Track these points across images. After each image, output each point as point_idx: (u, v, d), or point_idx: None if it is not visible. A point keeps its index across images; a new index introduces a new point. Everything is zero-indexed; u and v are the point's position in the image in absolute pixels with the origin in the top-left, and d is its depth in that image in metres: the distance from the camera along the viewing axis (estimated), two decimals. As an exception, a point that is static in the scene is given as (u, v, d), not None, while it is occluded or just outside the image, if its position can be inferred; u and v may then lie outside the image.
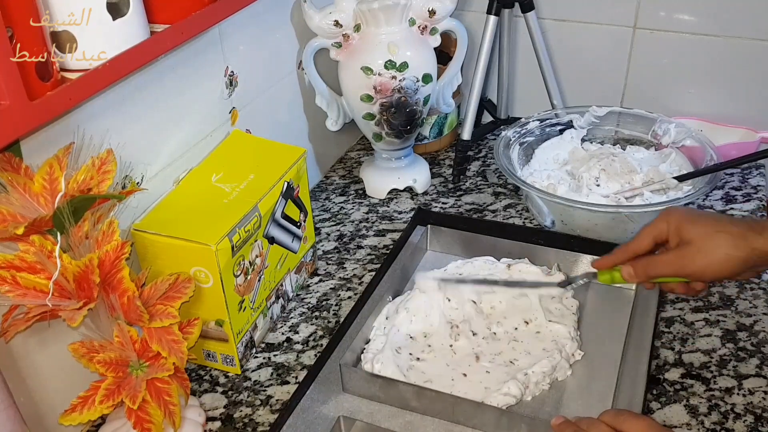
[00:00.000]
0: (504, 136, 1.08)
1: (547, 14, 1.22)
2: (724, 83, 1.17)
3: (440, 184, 1.17)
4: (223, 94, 0.92)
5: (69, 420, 0.65)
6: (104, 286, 0.65)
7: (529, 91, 1.29)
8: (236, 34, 0.92)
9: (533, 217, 1.06)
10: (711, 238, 0.70)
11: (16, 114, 0.54)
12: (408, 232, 0.98)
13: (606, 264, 0.77)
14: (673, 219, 0.73)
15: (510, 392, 0.74)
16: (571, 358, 0.80)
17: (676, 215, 0.73)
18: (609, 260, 0.77)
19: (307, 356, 0.85)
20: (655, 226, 0.74)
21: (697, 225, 0.71)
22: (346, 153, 1.28)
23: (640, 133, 1.12)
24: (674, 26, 1.15)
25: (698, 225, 0.71)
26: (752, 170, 1.14)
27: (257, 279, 0.82)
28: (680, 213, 0.73)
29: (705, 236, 0.70)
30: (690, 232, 0.71)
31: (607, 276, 0.77)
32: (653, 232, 0.74)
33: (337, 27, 1.00)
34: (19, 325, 0.62)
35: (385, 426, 0.75)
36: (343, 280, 0.97)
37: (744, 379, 0.79)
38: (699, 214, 0.73)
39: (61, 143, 0.66)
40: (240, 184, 0.82)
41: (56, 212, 0.61)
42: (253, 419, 0.78)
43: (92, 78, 0.61)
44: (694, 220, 0.71)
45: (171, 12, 0.70)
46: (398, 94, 1.01)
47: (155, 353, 0.68)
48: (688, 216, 0.72)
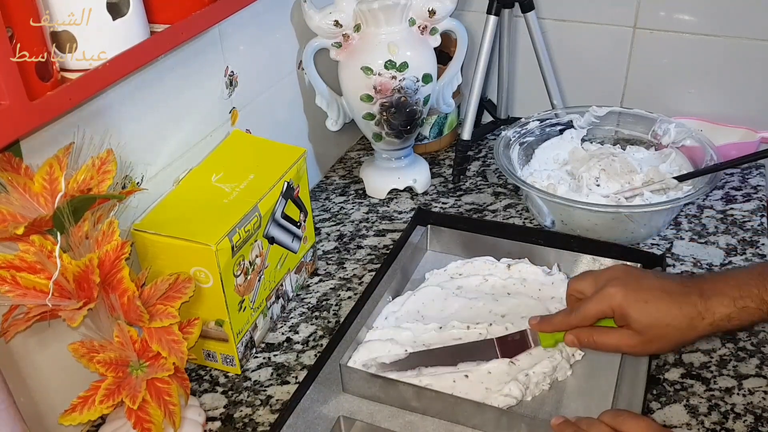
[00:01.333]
0: (504, 136, 1.08)
1: (547, 14, 1.22)
2: (724, 83, 1.17)
3: (440, 184, 1.17)
4: (223, 94, 0.92)
5: (69, 420, 0.65)
6: (104, 286, 0.65)
7: (529, 91, 1.29)
8: (236, 34, 0.92)
9: (533, 217, 1.06)
10: (660, 331, 0.71)
11: (16, 114, 0.54)
12: (408, 232, 0.98)
13: (547, 329, 0.79)
14: (617, 304, 0.73)
15: (511, 393, 0.74)
16: (571, 358, 0.80)
17: (619, 299, 0.73)
18: (550, 327, 0.78)
19: (307, 356, 0.85)
20: (599, 308, 0.75)
21: (644, 315, 0.71)
22: (346, 153, 1.28)
23: (640, 133, 1.12)
24: (674, 26, 1.15)
25: (645, 315, 0.71)
26: (752, 170, 1.14)
27: (257, 279, 0.82)
28: (625, 298, 0.73)
29: (653, 328, 0.72)
30: (637, 323, 0.72)
31: (551, 340, 0.79)
32: (597, 313, 0.75)
33: (337, 27, 1.00)
34: (19, 325, 0.62)
35: (385, 426, 0.75)
36: (343, 280, 0.97)
37: (744, 379, 0.78)
38: (645, 300, 0.72)
39: (61, 143, 0.66)
40: (240, 184, 0.82)
41: (56, 212, 0.61)
42: (253, 419, 0.78)
43: (92, 78, 0.61)
44: (640, 310, 0.72)
45: (171, 12, 0.70)
46: (398, 94, 1.01)
47: (155, 353, 0.68)
48: (634, 303, 0.72)
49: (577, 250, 0.93)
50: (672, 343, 0.73)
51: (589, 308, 0.75)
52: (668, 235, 1.01)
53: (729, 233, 1.01)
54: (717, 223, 1.03)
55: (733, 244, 0.98)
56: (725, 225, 1.03)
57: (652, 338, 0.72)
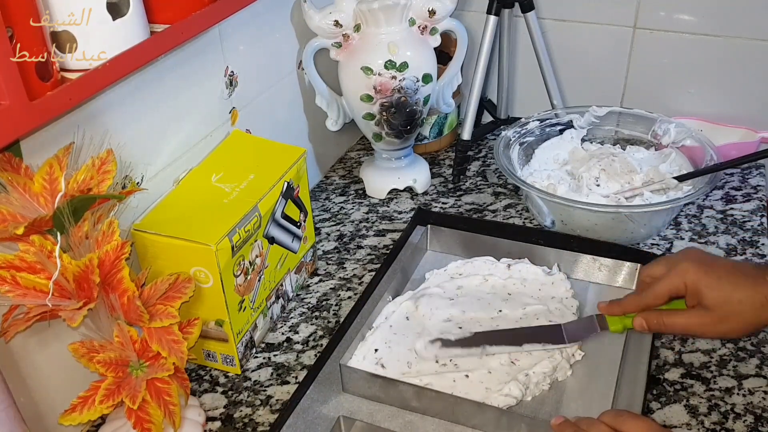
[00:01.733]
0: (504, 136, 1.08)
1: (547, 14, 1.22)
2: (724, 83, 1.17)
3: (440, 184, 1.17)
4: (223, 94, 0.92)
5: (69, 420, 0.65)
6: (104, 286, 0.65)
7: (529, 91, 1.29)
8: (236, 34, 0.92)
9: (533, 217, 1.06)
10: (733, 308, 0.70)
11: (16, 114, 0.54)
12: (408, 232, 0.98)
13: (616, 312, 0.78)
14: (691, 280, 0.72)
15: (511, 393, 0.74)
16: (571, 359, 0.80)
17: (693, 275, 0.72)
18: (619, 309, 0.77)
19: (307, 356, 0.85)
20: (672, 284, 0.73)
21: (717, 291, 0.70)
22: (346, 153, 1.28)
23: (640, 133, 1.12)
24: (674, 26, 1.15)
25: (718, 291, 0.70)
26: (752, 170, 1.14)
27: (257, 279, 0.82)
28: (698, 273, 0.72)
29: (726, 305, 0.70)
30: (710, 299, 0.71)
31: (619, 325, 0.77)
32: (671, 289, 0.74)
33: (337, 27, 1.00)
34: (19, 325, 0.62)
35: (385, 426, 0.75)
36: (343, 280, 0.97)
37: (744, 379, 0.78)
38: (718, 276, 0.71)
39: (61, 143, 0.66)
40: (240, 184, 0.82)
41: (56, 212, 0.61)
42: (253, 419, 0.78)
43: (92, 78, 0.61)
44: (713, 286, 0.71)
45: (171, 12, 0.70)
46: (398, 94, 1.01)
47: (155, 353, 0.68)
48: (707, 279, 0.71)
49: (577, 250, 0.93)
50: (744, 323, 0.70)
51: (662, 285, 0.74)
52: (668, 235, 1.01)
53: (729, 233, 1.01)
54: (717, 223, 1.03)
55: (733, 244, 0.98)
56: (725, 225, 1.03)
57: (725, 316, 0.70)
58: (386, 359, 0.80)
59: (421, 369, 0.79)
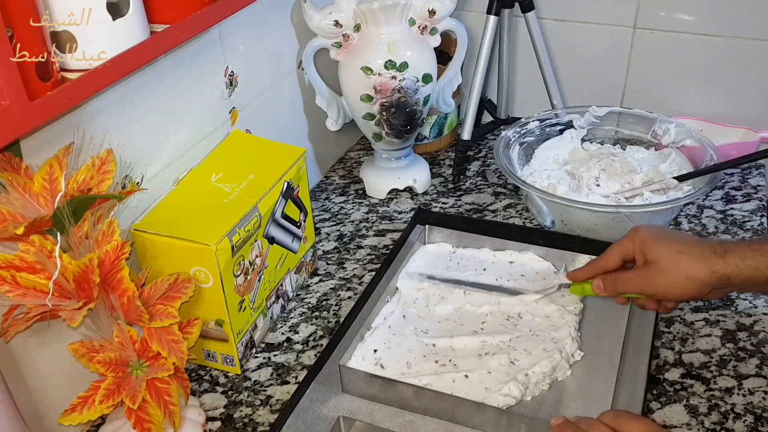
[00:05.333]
0: (504, 136, 1.08)
1: (547, 14, 1.22)
2: (724, 83, 1.17)
3: (440, 184, 1.17)
4: (223, 94, 0.92)
5: (69, 420, 0.65)
6: (104, 286, 0.65)
7: (529, 91, 1.29)
8: (236, 34, 0.92)
9: (533, 217, 1.06)
10: (672, 259, 0.73)
11: (16, 114, 0.54)
12: (408, 232, 0.98)
13: (579, 276, 0.83)
14: (639, 238, 0.76)
15: (510, 393, 0.74)
16: (571, 359, 0.80)
17: (642, 235, 0.76)
18: (581, 273, 0.82)
19: (307, 356, 0.85)
20: (622, 244, 0.78)
21: (660, 246, 0.74)
22: (346, 153, 1.28)
23: (640, 133, 1.12)
24: (674, 26, 1.15)
25: (662, 246, 0.74)
26: (752, 170, 1.14)
27: (257, 279, 0.82)
28: (647, 233, 0.76)
29: (667, 257, 0.74)
30: (653, 253, 0.75)
31: (578, 288, 0.83)
32: (620, 250, 0.78)
33: (337, 27, 1.00)
34: (19, 325, 0.62)
35: (385, 426, 0.75)
36: (343, 280, 0.97)
37: (744, 379, 0.79)
38: (664, 235, 0.76)
39: (61, 143, 0.66)
40: (240, 184, 0.82)
41: (56, 212, 0.61)
42: (253, 419, 0.78)
43: (92, 78, 0.61)
44: (658, 241, 0.75)
45: (171, 12, 0.70)
46: (398, 94, 1.01)
47: (155, 353, 0.68)
48: (654, 236, 0.76)
49: (577, 250, 0.93)
50: (685, 277, 0.72)
51: (613, 248, 0.79)
52: (668, 235, 1.01)
53: (729, 233, 1.01)
54: (717, 223, 1.03)
55: (733, 244, 0.98)
56: (725, 225, 1.03)
57: (665, 268, 0.73)
58: (385, 360, 0.80)
59: (421, 369, 0.79)
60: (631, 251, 0.77)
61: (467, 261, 0.94)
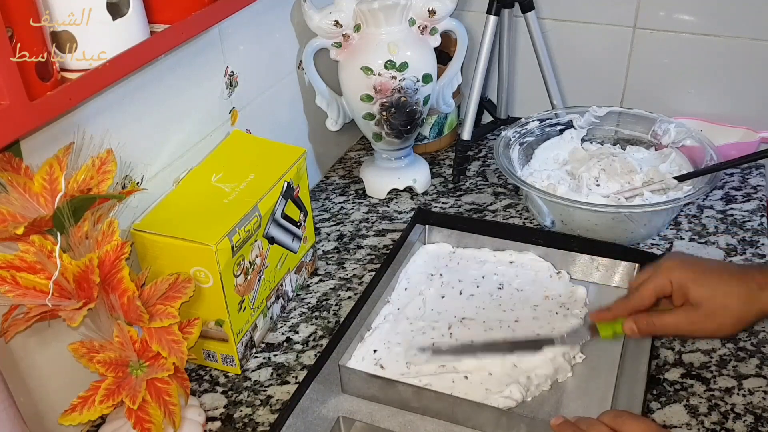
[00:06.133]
0: (504, 136, 1.08)
1: (547, 14, 1.22)
2: (724, 83, 1.17)
3: (440, 184, 1.17)
4: (223, 94, 0.92)
5: (69, 420, 0.65)
6: (104, 286, 0.65)
7: (529, 91, 1.29)
8: (236, 34, 0.92)
9: (533, 217, 1.06)
10: (722, 301, 0.70)
11: (16, 114, 0.54)
12: (408, 232, 0.98)
13: (606, 318, 0.77)
14: (677, 277, 0.72)
15: (512, 396, 0.74)
16: (572, 360, 0.80)
17: (678, 273, 0.72)
18: (609, 314, 0.76)
19: (307, 356, 0.85)
20: (658, 283, 0.73)
21: (705, 287, 0.70)
22: (346, 153, 1.28)
23: (640, 133, 1.12)
24: (674, 26, 1.15)
25: (706, 287, 0.70)
26: (752, 170, 1.14)
27: (257, 279, 0.82)
28: (683, 270, 0.72)
29: (716, 300, 0.70)
30: (698, 295, 0.70)
31: (608, 329, 0.76)
32: (656, 288, 0.73)
33: (337, 27, 1.00)
34: (19, 325, 0.62)
35: (384, 426, 0.75)
36: (343, 280, 0.97)
37: (744, 379, 0.78)
38: (703, 272, 0.71)
39: (61, 143, 0.66)
40: (240, 184, 0.82)
41: (56, 212, 0.61)
42: (253, 419, 0.78)
43: (92, 78, 0.61)
44: (700, 281, 0.71)
45: (171, 12, 0.70)
46: (398, 94, 1.01)
47: (155, 353, 0.68)
48: (695, 275, 0.71)
49: (577, 250, 0.93)
50: (732, 318, 0.70)
51: (647, 285, 0.73)
52: (668, 235, 1.01)
53: (729, 233, 1.01)
54: (717, 223, 1.03)
55: (733, 244, 0.98)
56: (725, 225, 1.03)
57: (712, 311, 0.70)
58: (385, 360, 0.80)
59: (420, 370, 0.79)
60: (668, 290, 0.73)
61: (467, 261, 0.94)
